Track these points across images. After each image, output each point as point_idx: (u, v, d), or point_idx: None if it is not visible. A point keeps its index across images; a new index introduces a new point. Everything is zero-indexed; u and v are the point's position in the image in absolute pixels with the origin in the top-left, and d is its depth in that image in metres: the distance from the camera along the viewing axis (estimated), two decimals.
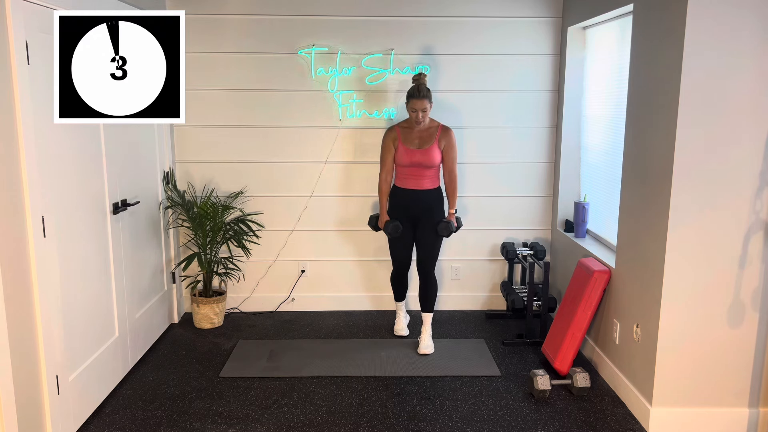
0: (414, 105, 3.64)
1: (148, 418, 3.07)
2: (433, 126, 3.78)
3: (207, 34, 4.21)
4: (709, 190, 2.77)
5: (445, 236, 3.82)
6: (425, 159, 3.72)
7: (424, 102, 3.63)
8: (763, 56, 2.67)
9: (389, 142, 3.80)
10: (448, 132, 3.79)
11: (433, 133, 3.76)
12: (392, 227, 3.80)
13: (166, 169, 4.13)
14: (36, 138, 2.57)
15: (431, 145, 3.74)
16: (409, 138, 3.76)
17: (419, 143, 3.75)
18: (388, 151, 3.81)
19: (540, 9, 4.26)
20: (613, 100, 3.66)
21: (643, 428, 3.00)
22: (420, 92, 3.62)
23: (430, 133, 3.76)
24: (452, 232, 3.80)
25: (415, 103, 3.63)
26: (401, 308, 4.17)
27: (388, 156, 3.81)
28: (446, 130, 3.79)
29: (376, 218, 3.98)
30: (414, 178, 3.78)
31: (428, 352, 3.81)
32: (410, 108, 3.68)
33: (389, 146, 3.80)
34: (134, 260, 3.60)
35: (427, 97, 3.64)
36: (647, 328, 3.00)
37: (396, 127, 3.83)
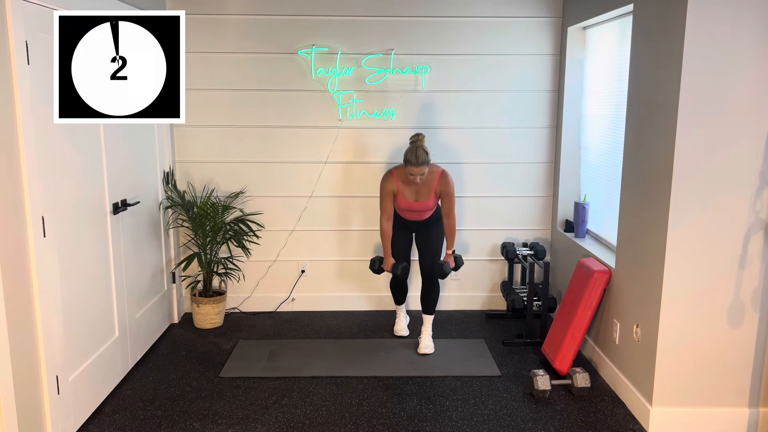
0: (411, 171, 3.55)
1: (148, 418, 3.07)
2: (431, 176, 3.68)
3: (207, 34, 4.21)
4: (709, 190, 2.77)
5: (441, 278, 3.85)
6: (423, 206, 3.75)
7: (423, 168, 3.53)
8: (763, 56, 2.67)
9: (388, 190, 3.73)
10: (445, 181, 3.70)
11: (430, 184, 3.69)
12: (402, 269, 3.81)
13: (166, 169, 4.13)
14: (36, 138, 2.57)
15: (428, 197, 3.72)
16: (407, 190, 3.71)
17: (416, 196, 3.73)
18: (387, 198, 3.75)
19: (540, 9, 4.26)
20: (613, 100, 3.66)
21: (643, 428, 3.00)
22: (418, 159, 3.50)
23: (427, 186, 3.70)
24: (448, 274, 3.80)
25: (413, 170, 3.54)
26: (401, 310, 4.17)
27: (387, 203, 3.76)
28: (443, 180, 3.69)
29: (379, 261, 3.93)
30: (414, 216, 3.83)
31: (428, 352, 3.82)
32: (408, 172, 3.58)
33: (389, 194, 3.74)
34: (134, 260, 3.60)
35: (425, 163, 3.53)
36: (647, 328, 3.00)
37: (395, 175, 3.71)
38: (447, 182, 3.71)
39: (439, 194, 3.74)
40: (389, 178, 3.73)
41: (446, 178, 3.71)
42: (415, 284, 4.42)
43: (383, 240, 3.84)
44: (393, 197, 3.75)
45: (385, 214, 3.79)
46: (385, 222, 3.80)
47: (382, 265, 3.91)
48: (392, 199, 3.76)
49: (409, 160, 3.53)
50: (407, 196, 3.72)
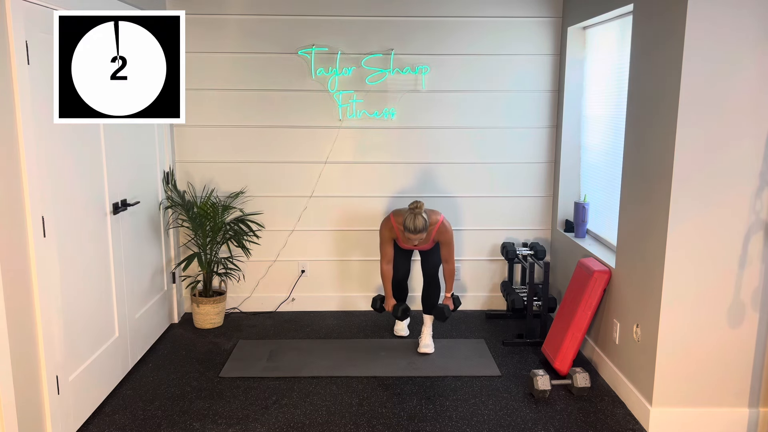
0: (409, 237, 3.58)
1: (148, 418, 3.07)
2: (430, 228, 3.67)
3: (207, 34, 4.22)
4: (709, 190, 2.77)
5: (441, 321, 3.86)
6: (422, 249, 3.83)
7: (421, 235, 3.56)
8: (762, 56, 2.67)
9: (388, 237, 3.76)
10: (444, 230, 3.70)
11: (429, 235, 3.69)
12: (402, 311, 3.82)
13: (166, 169, 4.13)
14: (36, 138, 2.57)
15: (427, 243, 3.75)
16: (406, 239, 3.67)
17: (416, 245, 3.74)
18: (387, 244, 3.79)
19: (540, 9, 4.26)
20: (613, 100, 3.66)
21: (643, 428, 3.00)
22: (416, 228, 3.51)
23: (426, 236, 3.68)
24: (447, 317, 3.79)
25: (411, 237, 3.57)
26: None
27: (387, 248, 3.79)
28: (442, 230, 3.69)
29: (381, 300, 3.93)
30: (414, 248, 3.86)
31: (428, 352, 3.82)
32: (405, 237, 3.61)
33: (388, 240, 3.77)
34: (134, 260, 3.60)
35: (423, 231, 3.54)
36: (647, 328, 3.00)
37: (393, 222, 3.69)
38: (445, 231, 3.70)
39: (437, 241, 3.75)
40: (388, 225, 3.73)
41: (445, 227, 3.70)
42: (416, 284, 4.42)
43: (384, 281, 3.86)
44: (392, 241, 3.80)
45: (384, 259, 3.82)
46: (384, 265, 3.83)
47: (383, 304, 3.91)
48: (392, 243, 3.80)
49: (407, 227, 3.54)
50: (406, 243, 3.73)
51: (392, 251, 3.82)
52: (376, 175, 4.42)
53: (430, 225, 3.66)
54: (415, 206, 3.59)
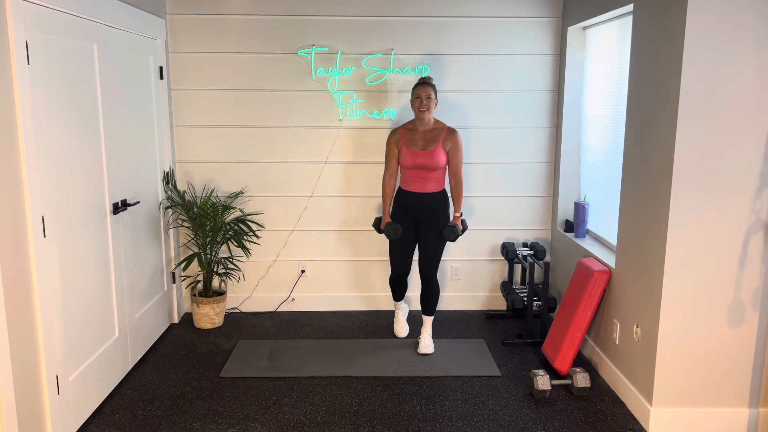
0: (418, 91, 3.64)
1: (148, 418, 3.07)
2: (438, 127, 3.72)
3: (207, 34, 4.22)
4: (709, 190, 2.77)
5: (452, 241, 3.76)
6: (429, 161, 3.65)
7: (428, 89, 3.63)
8: (763, 56, 2.67)
9: (392, 144, 3.75)
10: (453, 134, 3.71)
11: (437, 134, 3.69)
12: (392, 229, 3.74)
13: (166, 169, 4.13)
14: (36, 138, 2.57)
15: (435, 147, 3.66)
16: (413, 140, 3.69)
17: (423, 145, 3.67)
18: (391, 154, 3.77)
19: (540, 9, 4.26)
20: (613, 100, 3.66)
21: (643, 428, 3.01)
22: (425, 79, 3.69)
23: (434, 135, 3.69)
24: (458, 236, 3.74)
25: (420, 90, 3.64)
26: (400, 308, 4.12)
27: (391, 159, 3.78)
28: (452, 132, 3.71)
29: (380, 220, 3.92)
30: (418, 181, 3.71)
31: (428, 352, 3.82)
32: (415, 95, 3.66)
33: (393, 149, 3.75)
34: (134, 260, 3.60)
35: (432, 86, 3.66)
36: (647, 328, 3.00)
37: (400, 129, 3.77)
38: (454, 135, 3.72)
39: (447, 148, 3.70)
40: (393, 131, 3.80)
41: (454, 131, 3.73)
42: (415, 285, 4.42)
43: (384, 198, 3.84)
44: (397, 153, 3.75)
45: (388, 171, 3.80)
46: (386, 178, 3.81)
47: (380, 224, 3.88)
48: (395, 156, 3.76)
49: (417, 82, 3.68)
50: (414, 145, 3.69)
51: (396, 163, 3.78)
52: (376, 175, 4.41)
53: (438, 122, 3.75)
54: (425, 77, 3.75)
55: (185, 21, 4.20)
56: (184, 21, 4.20)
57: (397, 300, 4.11)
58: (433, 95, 3.66)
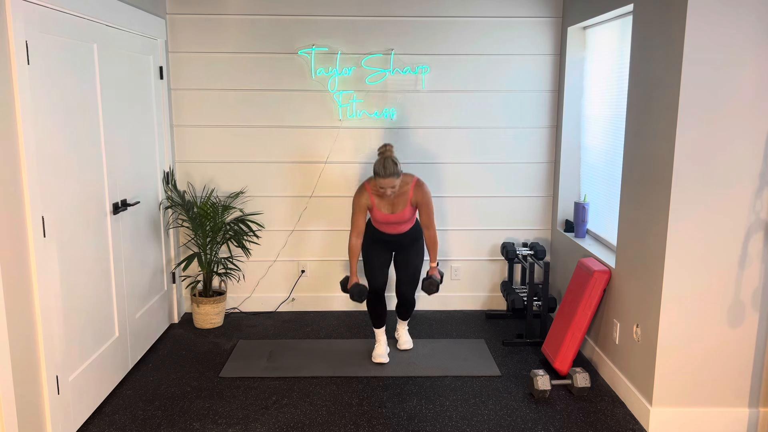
0: (381, 183, 3.36)
1: (148, 418, 3.07)
2: (405, 188, 3.50)
3: (207, 34, 4.22)
4: (709, 190, 2.77)
5: (429, 294, 3.64)
6: (399, 218, 3.55)
7: (392, 180, 3.35)
8: (763, 56, 2.67)
9: (363, 205, 3.53)
10: (420, 190, 3.52)
11: (405, 195, 3.51)
12: (357, 291, 3.57)
13: (166, 169, 4.13)
14: (36, 138, 2.57)
15: (404, 208, 3.53)
16: (382, 203, 3.53)
17: (392, 208, 3.53)
18: (360, 214, 3.54)
19: (540, 9, 4.26)
20: (613, 100, 3.66)
21: (643, 428, 3.01)
22: (386, 171, 3.32)
23: (403, 197, 3.51)
24: (437, 288, 3.61)
25: (382, 182, 3.35)
26: (381, 334, 3.76)
27: (360, 219, 3.55)
28: (419, 190, 3.51)
29: (347, 279, 3.68)
30: (390, 228, 3.61)
31: (408, 347, 3.83)
32: (378, 185, 3.40)
33: (362, 209, 3.54)
34: (134, 260, 3.60)
35: (394, 175, 3.34)
36: (647, 328, 3.00)
37: (368, 188, 3.53)
38: (423, 191, 3.52)
39: (415, 204, 3.54)
40: (362, 192, 3.52)
41: (421, 187, 3.52)
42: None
43: (351, 257, 3.62)
44: (366, 211, 3.57)
45: (355, 231, 3.57)
46: (354, 239, 3.58)
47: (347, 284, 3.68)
48: (365, 215, 3.56)
49: (377, 172, 3.35)
50: (382, 209, 3.53)
51: (364, 223, 3.57)
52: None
53: (404, 183, 3.49)
54: (384, 149, 3.44)
55: (185, 21, 4.20)
56: (184, 21, 4.20)
57: (377, 327, 3.75)
58: (397, 180, 3.37)
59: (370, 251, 3.69)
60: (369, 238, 3.69)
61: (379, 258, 3.68)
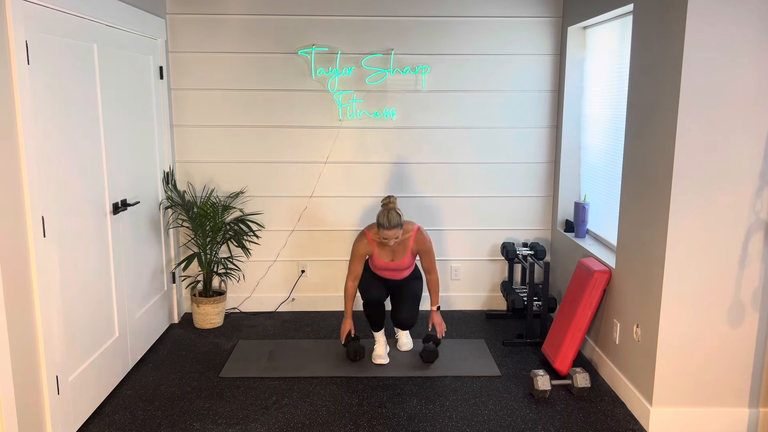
0: (385, 234, 3.44)
1: (148, 418, 3.07)
2: (406, 236, 3.58)
3: (207, 34, 4.22)
4: (709, 190, 2.77)
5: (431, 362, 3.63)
6: (399, 266, 3.64)
7: (395, 232, 3.43)
8: (763, 56, 2.67)
9: (362, 253, 3.61)
10: (421, 238, 3.60)
11: (406, 243, 3.59)
12: (353, 350, 3.60)
13: (166, 169, 4.13)
14: (36, 138, 2.57)
15: (405, 257, 3.62)
16: (383, 251, 3.62)
17: (392, 256, 3.63)
18: (358, 261, 3.62)
19: (540, 9, 4.26)
20: (613, 100, 3.66)
21: (643, 428, 3.00)
22: (390, 222, 3.40)
23: (404, 245, 3.60)
24: (437, 357, 3.63)
25: (386, 234, 3.43)
26: (380, 336, 3.78)
27: (358, 266, 3.63)
28: (420, 237, 3.60)
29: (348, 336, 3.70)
30: (390, 273, 3.71)
31: (409, 348, 3.84)
32: (381, 236, 3.48)
33: (361, 256, 3.61)
34: (134, 260, 3.60)
35: (397, 226, 3.42)
36: (647, 328, 3.00)
37: (368, 236, 3.60)
38: (423, 240, 3.60)
39: (416, 253, 3.63)
40: (362, 239, 3.60)
41: (422, 235, 3.60)
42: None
43: (346, 299, 3.66)
44: (365, 258, 3.65)
45: (351, 275, 3.65)
46: (350, 282, 3.66)
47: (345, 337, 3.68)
48: (363, 261, 3.64)
49: (381, 223, 3.41)
50: (383, 257, 3.62)
51: (361, 269, 3.65)
52: (376, 175, 4.42)
53: (405, 232, 3.57)
54: (387, 201, 3.51)
55: (185, 21, 4.20)
56: (184, 21, 4.20)
57: (376, 330, 3.77)
58: (400, 231, 3.46)
59: (369, 283, 3.74)
60: (367, 275, 3.75)
61: (377, 284, 3.74)
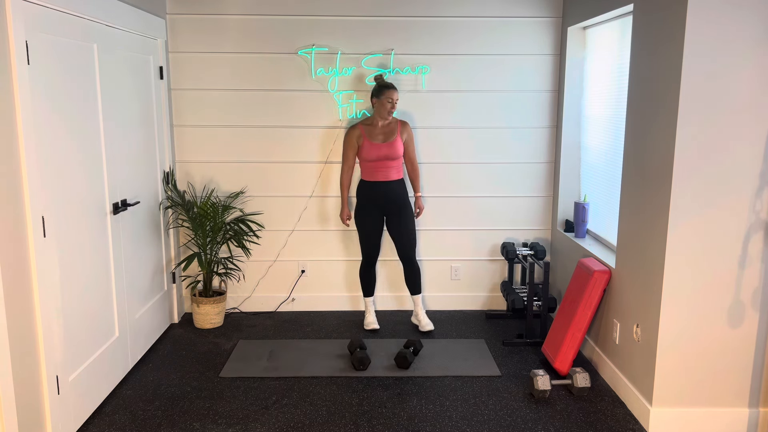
0: (390, 95, 3.89)
1: (148, 418, 3.07)
2: (393, 121, 4.03)
3: (207, 34, 4.22)
4: (709, 190, 2.77)
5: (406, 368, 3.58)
6: (391, 151, 3.96)
7: (396, 93, 3.93)
8: (763, 56, 2.67)
9: (353, 139, 4.00)
10: (406, 125, 4.08)
11: (393, 127, 4.02)
12: (359, 360, 3.54)
13: (166, 169, 4.13)
14: (36, 138, 2.57)
15: (395, 138, 3.98)
16: (373, 134, 3.98)
17: (383, 138, 3.98)
18: (351, 148, 4.02)
19: (540, 9, 4.26)
20: (613, 100, 3.66)
21: (643, 428, 3.01)
22: (391, 84, 3.94)
23: (391, 128, 4.01)
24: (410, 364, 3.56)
25: (392, 94, 3.89)
26: (370, 303, 4.27)
27: (351, 153, 4.03)
28: (405, 124, 4.08)
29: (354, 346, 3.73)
30: (382, 171, 3.99)
31: (431, 329, 4.11)
32: (386, 99, 3.89)
33: (353, 144, 4.01)
34: (134, 260, 3.60)
35: (397, 89, 3.95)
36: (647, 328, 3.00)
37: (359, 125, 4.01)
38: (407, 126, 4.08)
39: (404, 137, 4.04)
40: (354, 130, 4.01)
41: (406, 123, 4.10)
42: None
43: (342, 190, 4.10)
44: (356, 148, 4.00)
45: (346, 164, 4.05)
46: (345, 172, 4.07)
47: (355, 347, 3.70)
48: (355, 151, 4.02)
49: (386, 85, 3.90)
50: (375, 138, 3.96)
51: (354, 160, 4.06)
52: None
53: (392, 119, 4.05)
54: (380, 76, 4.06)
55: (185, 21, 4.20)
56: (184, 21, 4.20)
57: (368, 295, 4.25)
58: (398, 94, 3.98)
59: (364, 220, 4.05)
60: (360, 201, 4.05)
61: (372, 224, 4.05)
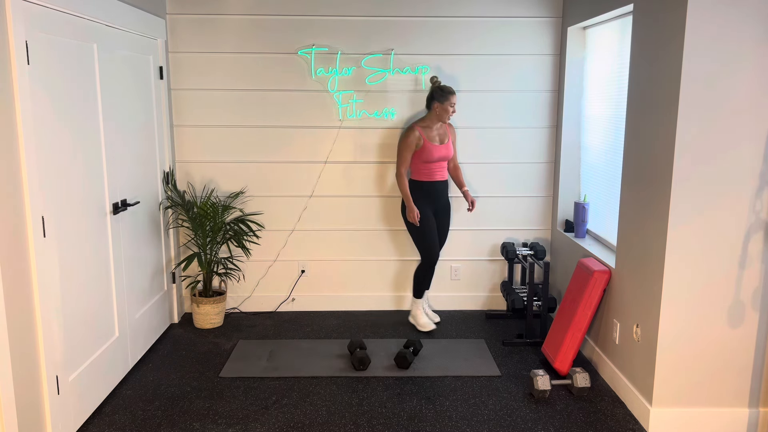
0: (453, 101, 3.96)
1: (148, 418, 3.07)
2: (443, 124, 4.10)
3: (207, 34, 4.22)
4: (709, 190, 2.77)
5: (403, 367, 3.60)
6: (448, 152, 4.08)
7: (456, 96, 4.00)
8: (763, 56, 2.67)
9: (412, 141, 3.99)
10: (452, 128, 4.22)
11: (445, 129, 4.11)
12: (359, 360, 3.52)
13: (166, 169, 4.13)
14: (36, 138, 2.57)
15: (449, 140, 4.10)
16: (431, 136, 4.03)
17: (440, 139, 4.06)
18: (409, 150, 4.01)
19: (540, 9, 4.26)
20: (613, 100, 3.66)
21: (643, 428, 3.01)
22: (453, 89, 3.99)
23: (444, 130, 4.10)
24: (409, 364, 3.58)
25: (454, 99, 3.96)
26: (425, 304, 4.34)
27: (409, 154, 4.03)
28: (451, 126, 4.22)
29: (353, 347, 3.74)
30: (440, 171, 4.10)
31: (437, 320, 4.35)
32: (449, 104, 3.94)
33: (412, 146, 4.00)
34: (134, 260, 3.60)
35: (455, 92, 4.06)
36: (647, 328, 3.00)
37: (416, 126, 4.01)
38: (453, 128, 4.25)
39: (453, 137, 4.18)
40: (412, 132, 4.00)
41: (452, 125, 4.25)
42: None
43: (403, 188, 4.02)
44: (413, 150, 4.01)
45: (404, 165, 4.04)
46: (405, 174, 4.06)
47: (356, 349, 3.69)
48: (412, 153, 4.02)
49: (449, 90, 3.94)
50: (435, 140, 4.03)
51: (411, 158, 4.05)
52: (377, 174, 4.42)
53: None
54: (436, 79, 4.09)
55: (185, 21, 4.20)
56: (184, 21, 4.20)
57: (420, 297, 4.24)
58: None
59: (427, 222, 4.09)
60: (420, 204, 4.07)
61: (433, 223, 4.11)
